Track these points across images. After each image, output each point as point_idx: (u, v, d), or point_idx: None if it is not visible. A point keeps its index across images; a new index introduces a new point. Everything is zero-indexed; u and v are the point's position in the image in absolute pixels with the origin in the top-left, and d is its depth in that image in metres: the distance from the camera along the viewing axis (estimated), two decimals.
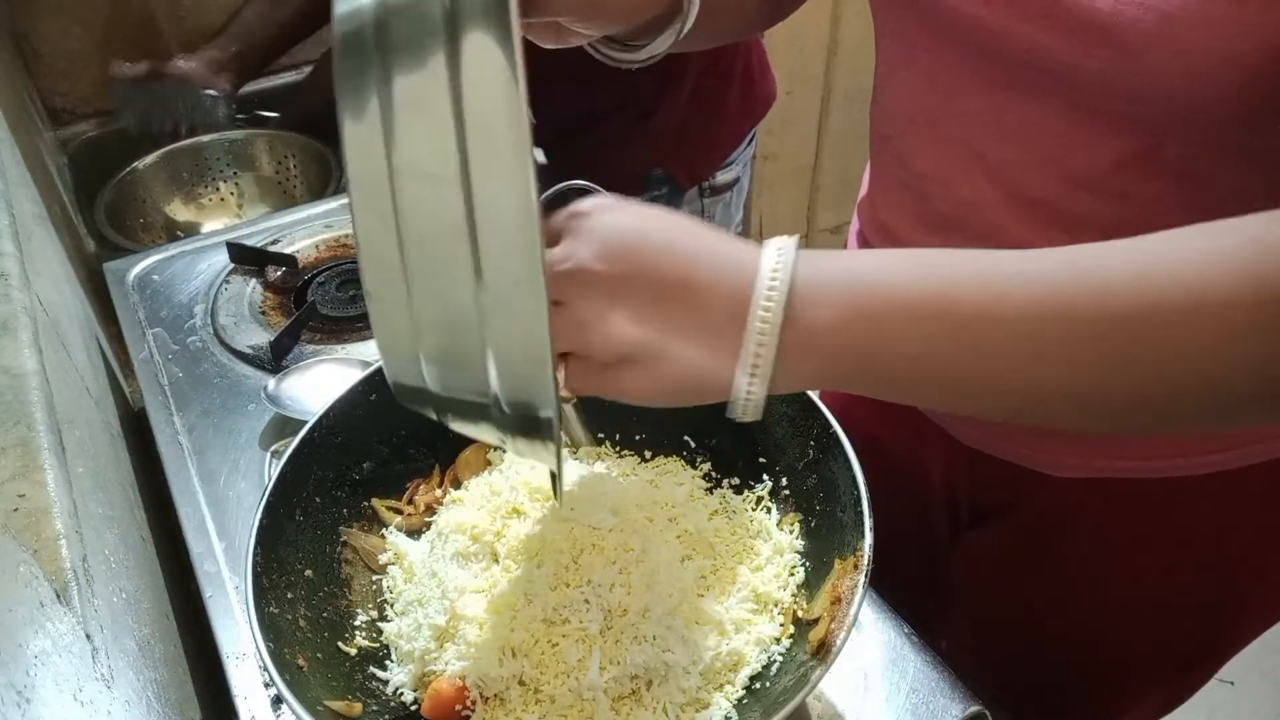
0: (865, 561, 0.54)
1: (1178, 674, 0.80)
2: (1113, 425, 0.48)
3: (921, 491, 0.83)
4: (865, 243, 0.74)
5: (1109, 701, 0.82)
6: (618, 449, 0.74)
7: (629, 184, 1.23)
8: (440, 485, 0.71)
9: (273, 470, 0.62)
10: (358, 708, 0.55)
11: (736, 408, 0.43)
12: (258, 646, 0.52)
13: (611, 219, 0.43)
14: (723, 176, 1.28)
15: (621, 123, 1.20)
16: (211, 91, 1.27)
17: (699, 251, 0.43)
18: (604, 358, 0.43)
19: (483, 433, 0.45)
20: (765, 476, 0.68)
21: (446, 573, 0.60)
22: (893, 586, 0.68)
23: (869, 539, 0.55)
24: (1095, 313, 0.39)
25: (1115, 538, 0.72)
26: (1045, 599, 0.78)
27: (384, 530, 0.68)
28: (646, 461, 0.73)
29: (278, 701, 0.61)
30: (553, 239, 0.44)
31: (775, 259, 0.42)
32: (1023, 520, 0.76)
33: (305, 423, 0.65)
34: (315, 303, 0.96)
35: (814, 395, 0.63)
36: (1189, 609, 0.73)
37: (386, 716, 0.57)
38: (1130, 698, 0.82)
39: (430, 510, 0.69)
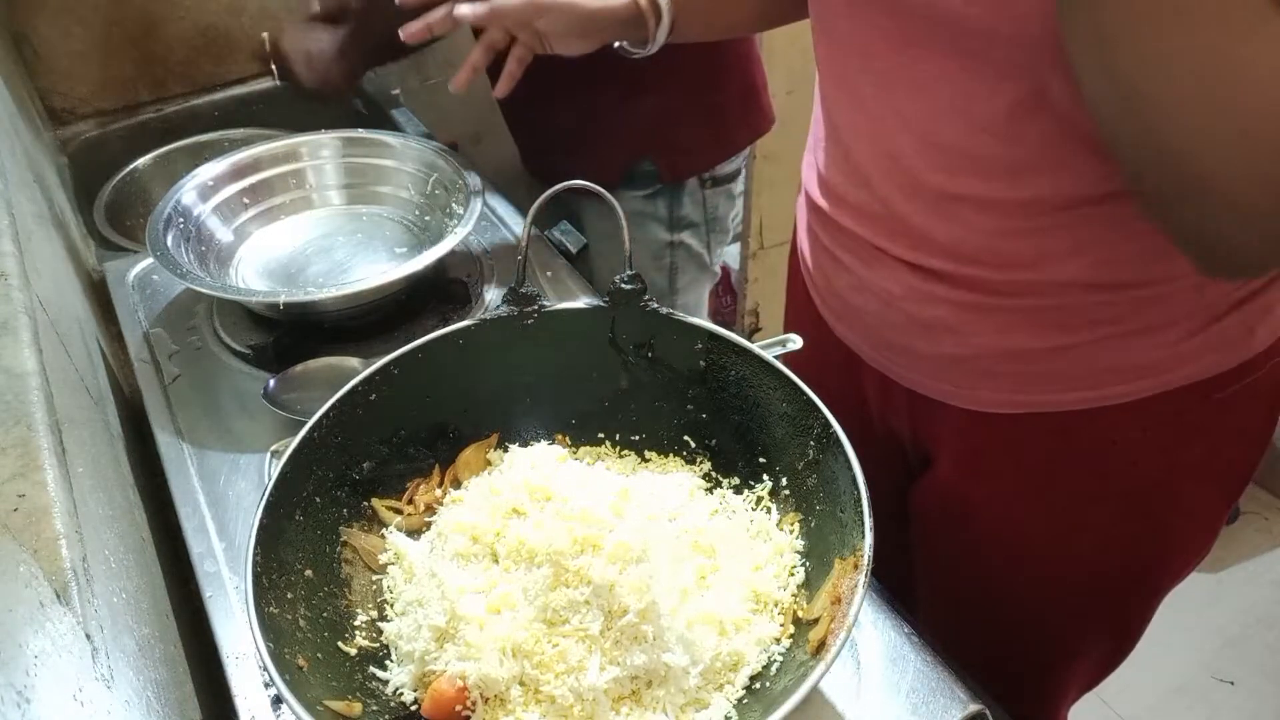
0: (865, 561, 0.54)
1: (1115, 615, 0.83)
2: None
3: (872, 438, 0.86)
4: (809, 200, 0.80)
5: (1055, 652, 0.85)
6: (618, 449, 0.74)
7: (612, 168, 1.22)
8: (440, 485, 0.71)
9: (273, 470, 0.62)
10: (358, 708, 0.55)
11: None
12: (257, 646, 0.52)
13: None
14: (724, 168, 1.28)
15: (608, 97, 1.18)
16: None
17: None
18: None
19: None
20: (765, 476, 0.68)
21: (446, 573, 0.60)
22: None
23: (869, 539, 0.55)
24: None
25: (1037, 473, 0.75)
26: (985, 542, 0.81)
27: (384, 530, 0.68)
28: (646, 461, 0.73)
29: (278, 701, 0.61)
30: None
31: None
32: (951, 461, 0.79)
33: (305, 423, 0.65)
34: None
35: (814, 395, 0.63)
36: (1114, 542, 0.76)
37: (386, 716, 0.57)
38: (1074, 645, 0.84)
39: (430, 510, 0.69)
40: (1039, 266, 0.64)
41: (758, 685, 0.58)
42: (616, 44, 0.84)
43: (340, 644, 0.60)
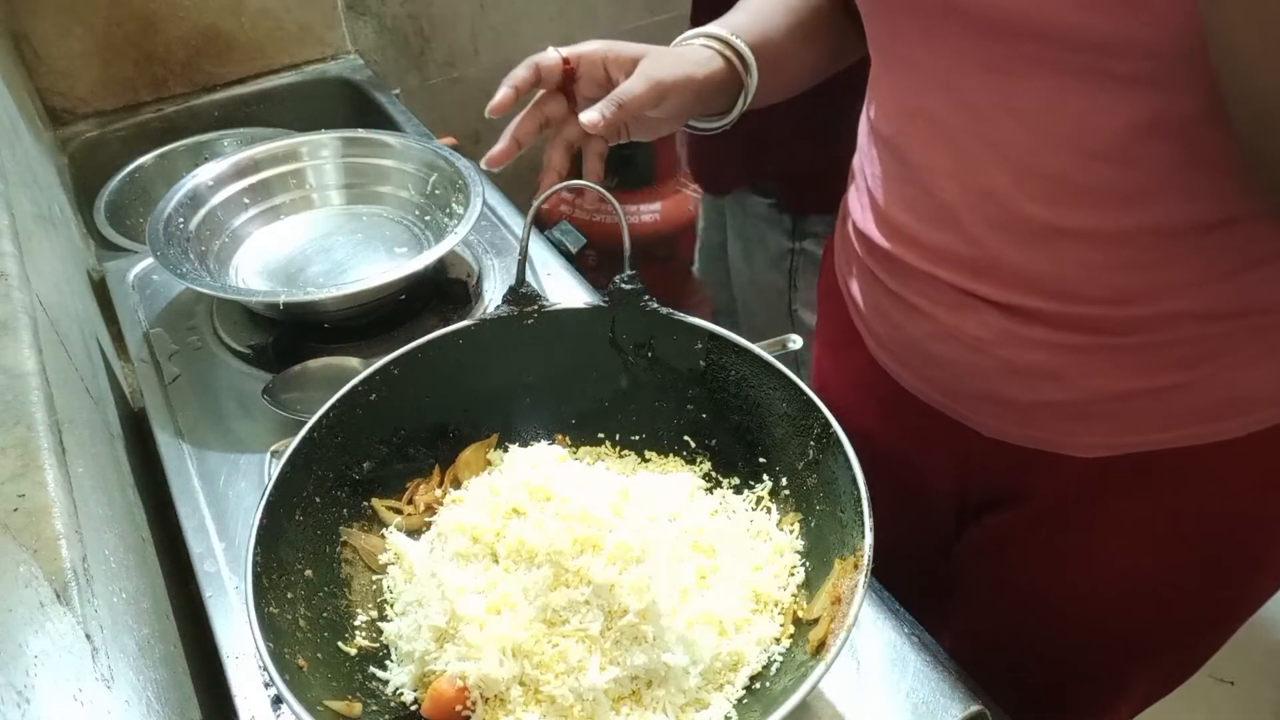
0: (865, 561, 0.54)
1: (1186, 647, 0.80)
2: None
3: (926, 489, 0.83)
4: (865, 241, 0.74)
5: (1107, 685, 0.82)
6: (618, 449, 0.74)
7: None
8: (440, 485, 0.71)
9: (273, 470, 0.62)
10: (358, 708, 0.55)
11: None
12: (257, 646, 0.52)
13: None
14: None
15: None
16: None
17: None
18: None
19: None
20: (765, 476, 0.68)
21: (446, 573, 0.60)
22: (895, 586, 0.68)
23: (869, 539, 0.55)
24: None
25: (1128, 512, 0.71)
26: (1055, 581, 0.78)
27: (384, 530, 0.68)
28: (646, 461, 0.73)
29: (278, 701, 0.61)
30: None
31: None
32: (1037, 505, 0.75)
33: (305, 423, 0.65)
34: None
35: (813, 395, 0.63)
36: (1200, 579, 0.73)
37: (386, 716, 0.57)
38: (1131, 679, 0.82)
39: (430, 510, 0.69)
40: (1151, 300, 0.60)
41: (758, 685, 0.58)
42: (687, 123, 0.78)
43: (340, 644, 0.60)
